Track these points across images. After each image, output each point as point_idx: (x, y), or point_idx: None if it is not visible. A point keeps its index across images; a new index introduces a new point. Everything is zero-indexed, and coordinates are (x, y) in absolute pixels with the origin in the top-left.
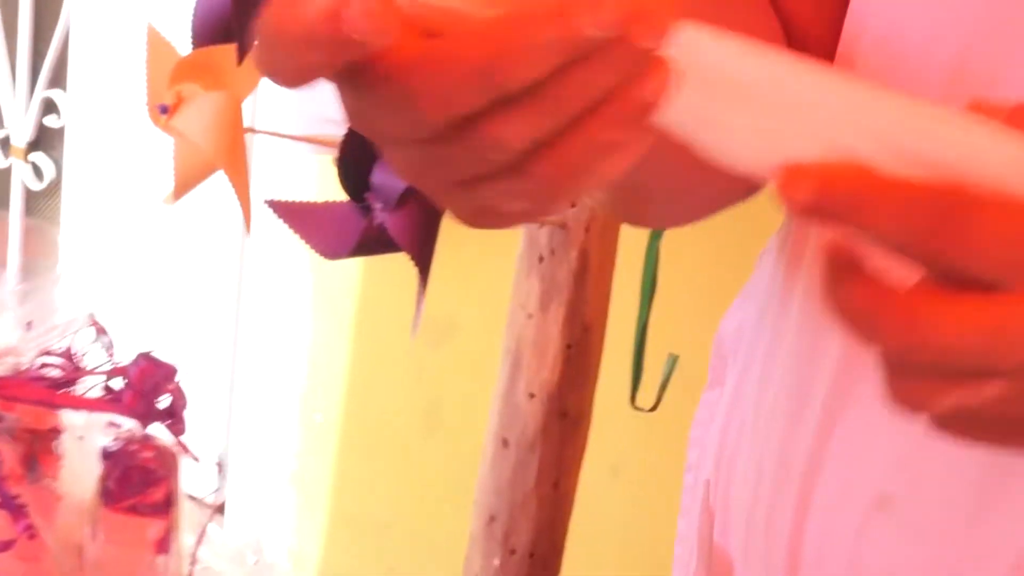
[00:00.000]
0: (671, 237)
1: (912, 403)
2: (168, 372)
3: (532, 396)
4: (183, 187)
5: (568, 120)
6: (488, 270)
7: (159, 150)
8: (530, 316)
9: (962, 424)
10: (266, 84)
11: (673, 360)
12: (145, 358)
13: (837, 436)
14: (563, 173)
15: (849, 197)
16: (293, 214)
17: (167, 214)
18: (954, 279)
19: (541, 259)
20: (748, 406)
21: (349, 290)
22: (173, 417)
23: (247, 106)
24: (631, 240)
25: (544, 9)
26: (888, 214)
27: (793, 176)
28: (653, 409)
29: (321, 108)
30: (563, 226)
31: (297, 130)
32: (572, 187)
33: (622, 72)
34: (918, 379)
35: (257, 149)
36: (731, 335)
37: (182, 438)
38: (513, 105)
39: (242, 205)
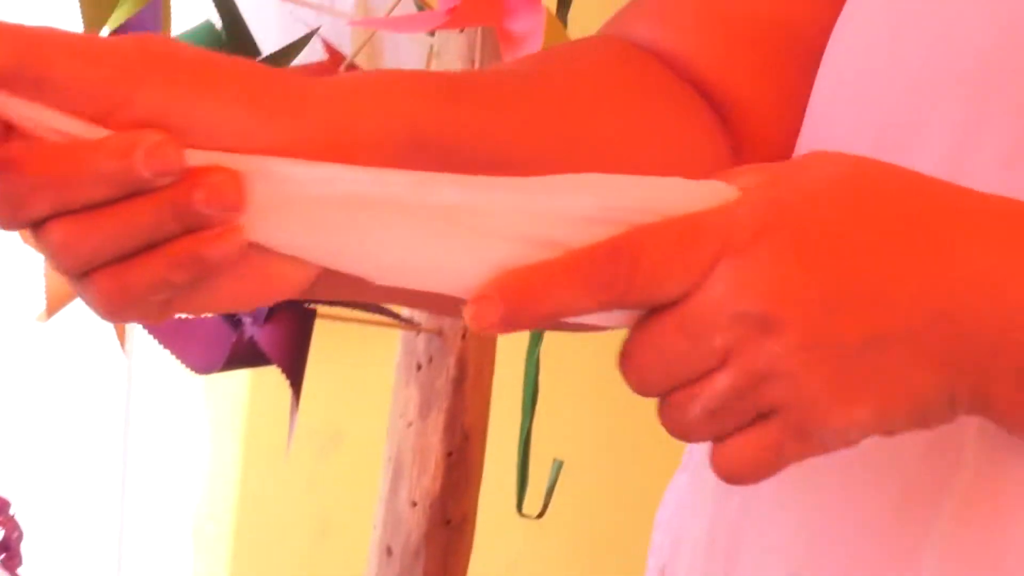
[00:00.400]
0: (552, 342)
1: (675, 425)
2: (1, 505)
3: (414, 504)
4: (55, 305)
5: (131, 246)
6: (372, 378)
7: (30, 267)
8: (410, 424)
9: (726, 423)
10: None
11: (559, 465)
12: None
13: (754, 513)
14: (123, 293)
15: (529, 298)
16: (162, 329)
17: (47, 332)
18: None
19: (419, 367)
20: (702, 485)
21: (239, 400)
22: (8, 551)
23: None
24: (511, 346)
25: (120, 140)
26: (567, 291)
27: (478, 305)
28: (540, 515)
29: None
30: (439, 334)
31: None
32: (138, 306)
33: (183, 221)
34: (666, 404)
35: None
36: None
37: (19, 570)
38: (80, 218)
39: (115, 325)
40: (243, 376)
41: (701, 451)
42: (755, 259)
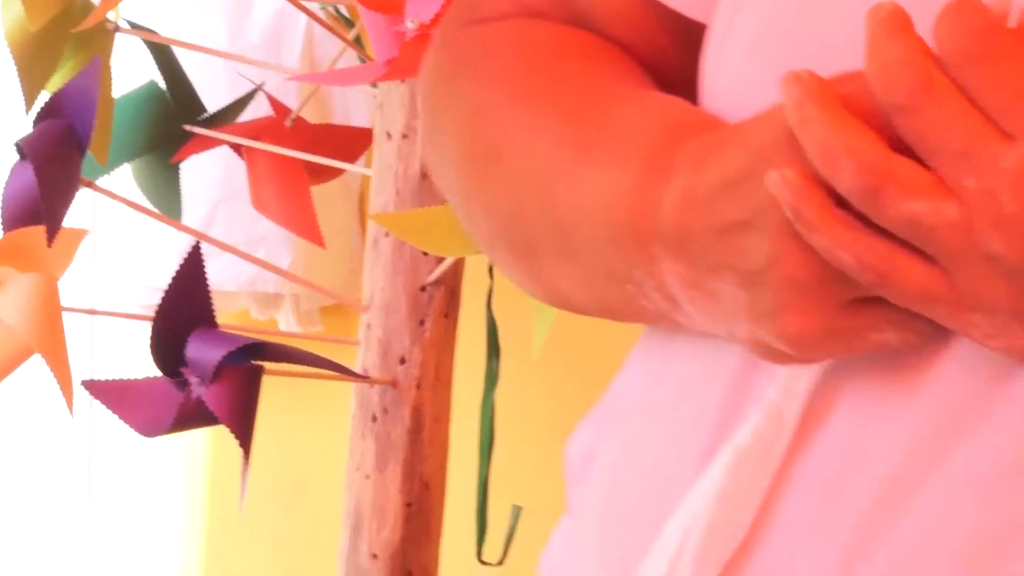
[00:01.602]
0: (506, 388)
1: (878, 199)
2: None
3: (375, 557)
4: (2, 370)
5: None
6: (335, 430)
7: None
8: (367, 477)
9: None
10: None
11: (517, 511)
12: None
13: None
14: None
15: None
16: (109, 393)
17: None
18: None
19: (374, 419)
20: (586, 533)
21: (203, 454)
22: None
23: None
24: (465, 394)
25: None
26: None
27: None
28: (500, 563)
29: (148, 278)
30: (394, 384)
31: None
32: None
33: None
34: (897, 173)
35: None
36: (580, 458)
37: None
38: None
39: (62, 386)
40: (205, 434)
41: (584, 498)
42: None
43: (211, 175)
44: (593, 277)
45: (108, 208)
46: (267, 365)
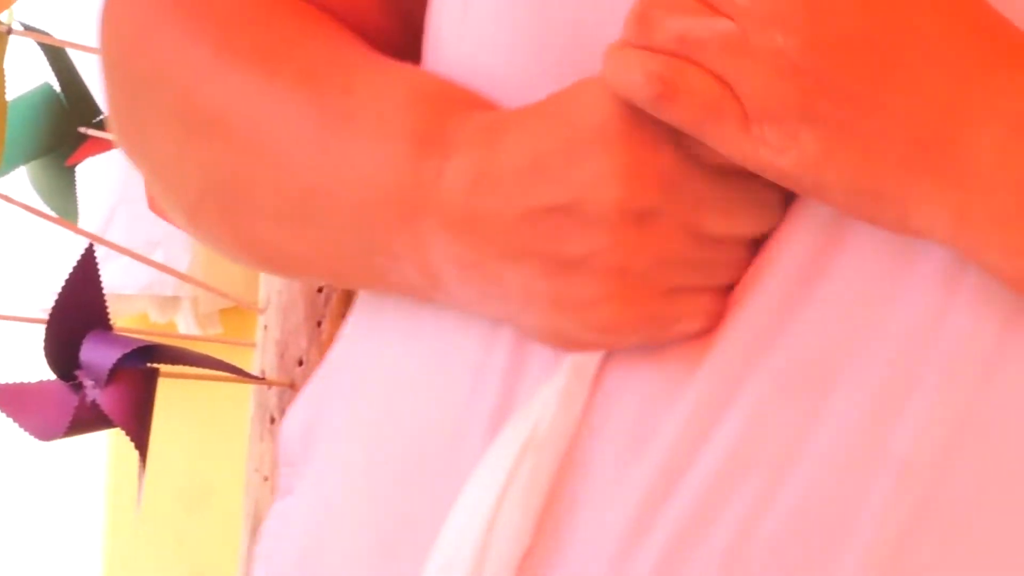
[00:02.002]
0: None
1: (646, 19)
2: None
3: None
4: None
5: None
6: (238, 433)
7: None
8: (266, 479)
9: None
10: None
11: None
12: None
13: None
14: None
15: None
16: (4, 396)
17: None
18: None
19: (272, 420)
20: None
21: (99, 458)
22: None
23: None
24: None
25: None
26: None
27: None
28: None
29: (45, 282)
30: (292, 386)
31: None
32: None
33: None
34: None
35: None
36: (298, 436)
37: None
38: None
39: None
40: (104, 437)
41: (318, 478)
42: None
43: (108, 178)
44: (336, 245)
45: (4, 211)
46: (163, 367)
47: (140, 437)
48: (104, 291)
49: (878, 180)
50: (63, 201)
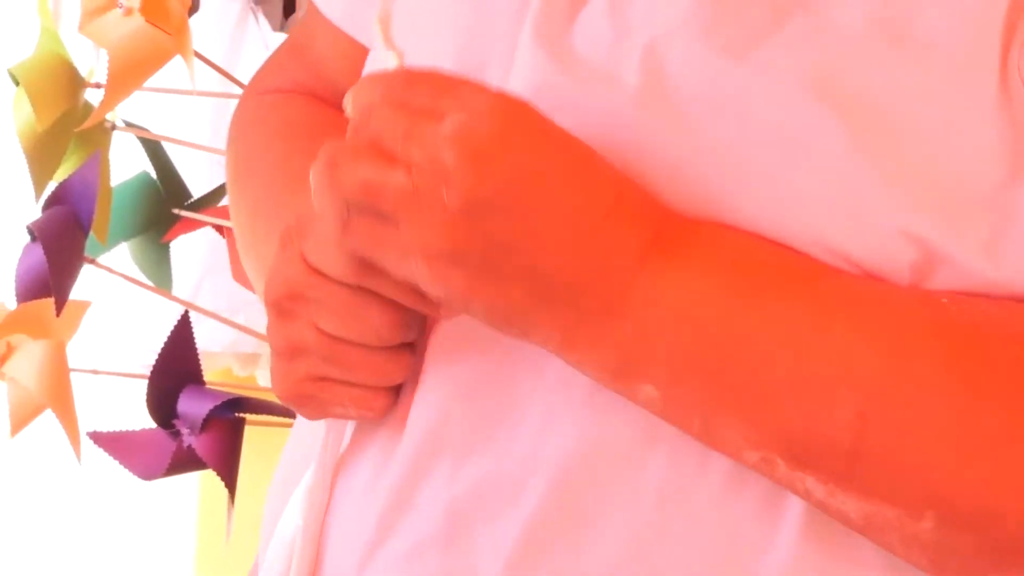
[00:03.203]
0: None
1: (333, 175)
2: None
3: None
4: (17, 424)
5: None
6: None
7: None
8: None
9: (360, 208)
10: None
11: None
12: None
13: None
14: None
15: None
16: (112, 442)
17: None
18: None
19: None
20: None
21: (191, 496)
22: None
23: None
24: None
25: None
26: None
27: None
28: None
29: (143, 342)
30: None
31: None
32: None
33: None
34: (344, 153)
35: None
36: None
37: None
38: None
39: (70, 438)
40: (195, 476)
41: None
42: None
43: (197, 253)
44: None
45: (109, 282)
46: (248, 417)
47: (230, 477)
48: None
49: (510, 310)
50: (159, 272)
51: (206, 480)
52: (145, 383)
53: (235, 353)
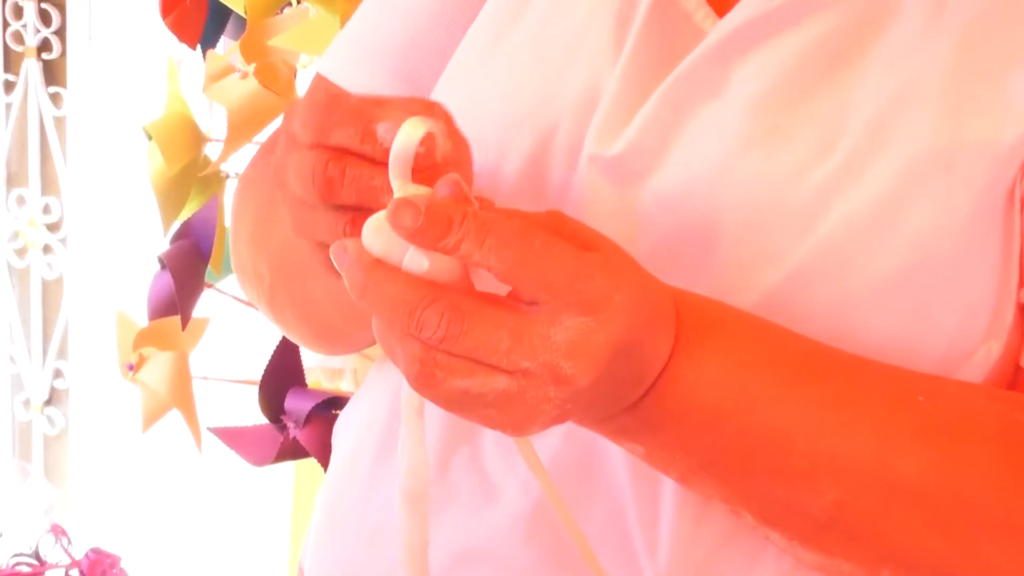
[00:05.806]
0: None
1: (430, 383)
2: (113, 561)
3: None
4: (148, 421)
5: None
6: None
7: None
8: None
9: (462, 405)
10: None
11: None
12: (94, 551)
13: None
14: None
15: (444, 220)
16: (229, 435)
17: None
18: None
19: None
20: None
21: (287, 479)
22: None
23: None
24: None
25: None
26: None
27: (400, 205)
28: None
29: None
30: None
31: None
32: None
33: None
34: (439, 364)
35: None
36: None
37: None
38: None
39: (193, 433)
40: (290, 466)
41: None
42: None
43: None
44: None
45: (225, 304)
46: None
47: (326, 462)
48: None
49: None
50: None
51: (300, 467)
52: (252, 388)
53: (323, 368)
